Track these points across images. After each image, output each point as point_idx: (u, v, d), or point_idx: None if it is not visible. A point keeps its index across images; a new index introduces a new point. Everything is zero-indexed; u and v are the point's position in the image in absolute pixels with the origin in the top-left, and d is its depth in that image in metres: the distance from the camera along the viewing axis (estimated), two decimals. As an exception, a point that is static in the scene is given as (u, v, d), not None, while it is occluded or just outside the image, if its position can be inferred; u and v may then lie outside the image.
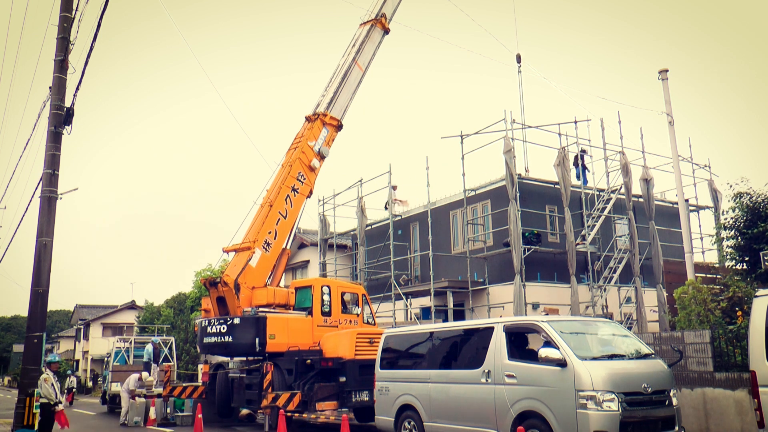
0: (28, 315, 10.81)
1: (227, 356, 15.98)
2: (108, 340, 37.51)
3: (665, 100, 15.08)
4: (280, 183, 16.21)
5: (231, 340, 14.35)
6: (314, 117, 17.03)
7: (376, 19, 18.12)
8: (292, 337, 14.76)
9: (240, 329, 14.33)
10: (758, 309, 7.69)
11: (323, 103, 17.20)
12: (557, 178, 18.35)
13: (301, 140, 16.88)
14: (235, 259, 15.71)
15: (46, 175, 11.13)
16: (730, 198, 13.24)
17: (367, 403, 13.64)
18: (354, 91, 17.74)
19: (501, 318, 10.99)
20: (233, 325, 14.41)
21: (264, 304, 14.97)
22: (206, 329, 15.06)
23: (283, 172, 16.47)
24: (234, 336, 14.34)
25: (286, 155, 17.02)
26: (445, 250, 21.32)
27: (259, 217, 15.95)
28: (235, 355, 15.59)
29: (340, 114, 17.35)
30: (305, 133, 16.95)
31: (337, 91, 17.33)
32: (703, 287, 12.58)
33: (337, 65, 17.93)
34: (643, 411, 7.90)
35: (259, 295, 15.10)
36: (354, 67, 17.65)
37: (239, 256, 15.58)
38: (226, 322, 14.57)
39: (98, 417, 22.05)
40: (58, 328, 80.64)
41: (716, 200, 22.52)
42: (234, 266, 15.42)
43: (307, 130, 17.00)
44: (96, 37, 10.62)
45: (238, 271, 14.89)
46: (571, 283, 17.56)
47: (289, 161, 16.62)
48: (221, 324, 14.65)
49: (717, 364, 10.92)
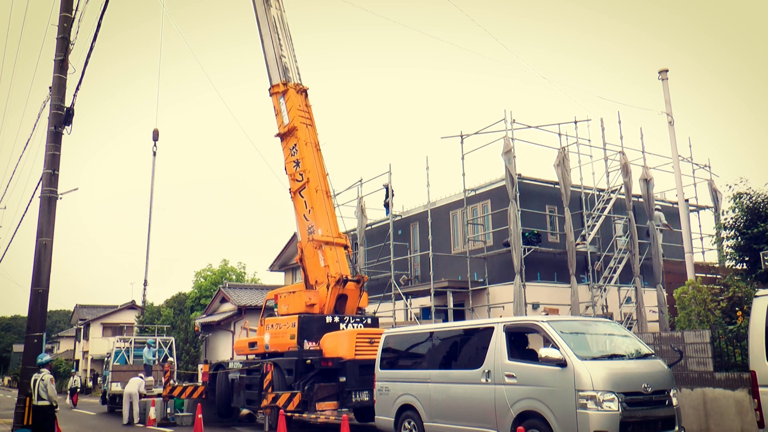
0: (28, 315, 10.85)
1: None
2: (108, 340, 37.52)
3: (665, 100, 15.08)
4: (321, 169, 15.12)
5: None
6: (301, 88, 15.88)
7: None
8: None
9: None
10: (758, 309, 7.70)
11: (293, 71, 15.99)
12: (557, 178, 18.35)
13: (310, 116, 15.76)
14: (334, 255, 14.84)
15: (46, 175, 11.16)
16: (730, 198, 13.25)
17: (367, 403, 13.62)
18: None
19: (501, 318, 10.99)
20: (368, 325, 14.68)
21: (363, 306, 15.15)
22: (338, 325, 14.56)
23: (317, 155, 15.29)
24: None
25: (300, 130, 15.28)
26: (445, 250, 21.32)
27: (328, 208, 14.93)
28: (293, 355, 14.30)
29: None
30: (307, 109, 15.81)
31: (293, 51, 16.23)
32: (703, 287, 12.58)
33: (268, 23, 16.04)
34: (643, 411, 7.90)
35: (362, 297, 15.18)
36: (283, 15, 16.29)
37: (335, 252, 14.83)
38: (362, 320, 14.75)
39: (98, 417, 22.04)
40: (58, 328, 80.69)
41: (716, 200, 22.51)
42: (337, 262, 14.73)
43: (306, 106, 15.88)
44: (96, 37, 10.66)
45: (349, 269, 14.63)
46: (571, 283, 17.56)
47: (313, 142, 15.35)
48: (359, 322, 14.70)
49: (717, 364, 10.92)
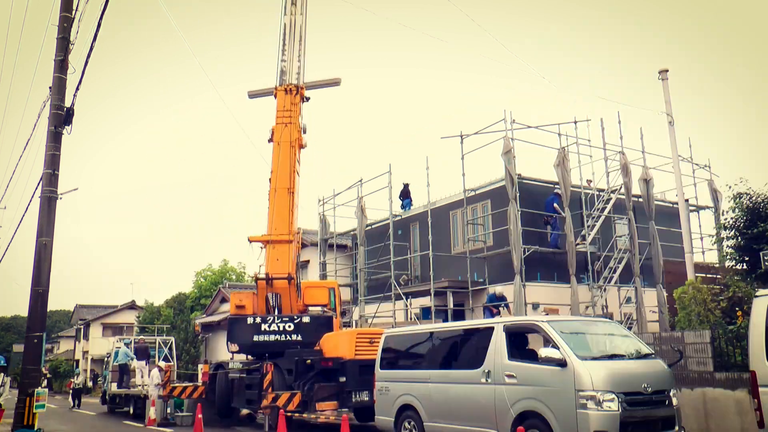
0: (28, 315, 10.82)
1: (280, 356, 14.61)
2: (108, 340, 37.49)
3: (665, 100, 15.07)
4: (291, 167, 15.03)
5: (301, 339, 13.84)
6: (294, 89, 15.89)
7: None
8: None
9: (310, 328, 13.82)
10: (758, 309, 7.69)
11: (292, 73, 16.03)
12: (557, 178, 18.34)
13: (291, 116, 15.77)
14: (275, 253, 14.62)
15: (46, 175, 11.14)
16: (730, 198, 13.24)
17: (367, 403, 13.61)
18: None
19: (501, 318, 10.99)
20: (302, 323, 13.87)
21: (315, 303, 14.56)
22: (260, 326, 14.24)
23: (289, 154, 15.30)
24: (304, 335, 13.78)
25: (276, 131, 15.71)
26: (445, 250, 21.31)
27: (283, 206, 14.84)
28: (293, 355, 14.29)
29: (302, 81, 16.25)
30: (292, 108, 15.78)
31: (300, 56, 16.17)
32: (703, 287, 12.58)
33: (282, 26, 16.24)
34: (643, 411, 7.91)
35: (315, 294, 14.63)
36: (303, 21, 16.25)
37: (278, 249, 14.54)
38: (292, 320, 13.95)
39: (98, 417, 22.05)
40: (58, 328, 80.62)
41: (716, 200, 22.50)
42: (276, 260, 14.42)
43: (292, 105, 15.86)
44: (96, 37, 10.63)
45: (289, 266, 14.16)
46: (571, 283, 17.54)
47: (289, 141, 15.48)
48: (286, 322, 14.00)
49: (717, 364, 10.92)
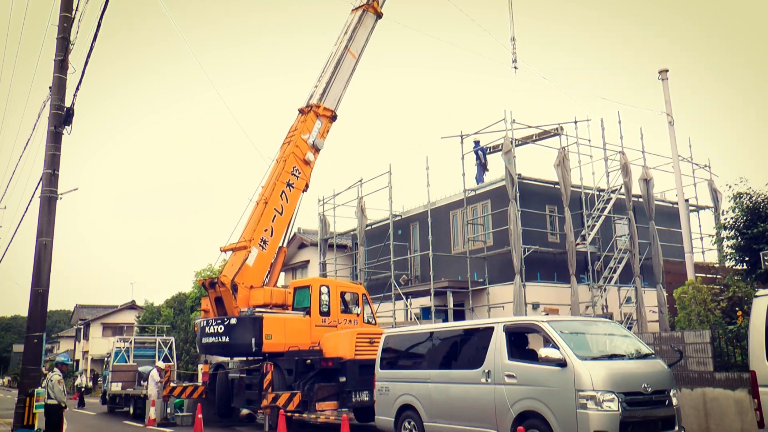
0: (28, 315, 10.82)
1: (225, 356, 16.03)
2: (108, 340, 37.53)
3: (665, 100, 15.08)
4: (274, 179, 15.97)
5: (228, 341, 14.37)
6: (307, 109, 16.66)
7: (368, 3, 17.53)
8: (289, 337, 14.73)
9: (237, 329, 14.35)
10: (758, 309, 7.69)
11: (316, 94, 16.79)
12: (557, 178, 18.35)
13: (294, 134, 16.56)
14: (232, 259, 15.62)
15: (46, 175, 11.14)
16: (730, 198, 13.25)
17: (367, 403, 13.63)
18: (347, 79, 17.20)
19: (501, 318, 10.99)
20: (230, 325, 14.43)
21: (261, 304, 14.94)
22: (205, 329, 15.09)
23: (277, 168, 16.19)
24: (231, 336, 14.36)
25: (280, 150, 16.73)
26: (445, 250, 21.31)
27: (254, 215, 15.77)
28: (233, 355, 15.66)
29: (333, 104, 16.90)
30: (299, 126, 16.60)
31: (330, 80, 16.84)
32: (703, 287, 12.58)
33: (329, 54, 17.37)
34: (643, 411, 7.90)
35: (257, 295, 15.07)
36: (347, 55, 17.11)
37: (236, 256, 15.49)
38: (223, 322, 14.59)
39: (98, 417, 22.04)
40: (58, 328, 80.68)
41: (716, 200, 22.52)
42: (231, 266, 15.33)
43: (300, 122, 16.65)
44: (96, 37, 10.64)
45: (235, 271, 14.84)
46: (571, 283, 17.55)
47: (282, 156, 16.36)
48: (219, 324, 14.67)
49: (717, 364, 10.92)
